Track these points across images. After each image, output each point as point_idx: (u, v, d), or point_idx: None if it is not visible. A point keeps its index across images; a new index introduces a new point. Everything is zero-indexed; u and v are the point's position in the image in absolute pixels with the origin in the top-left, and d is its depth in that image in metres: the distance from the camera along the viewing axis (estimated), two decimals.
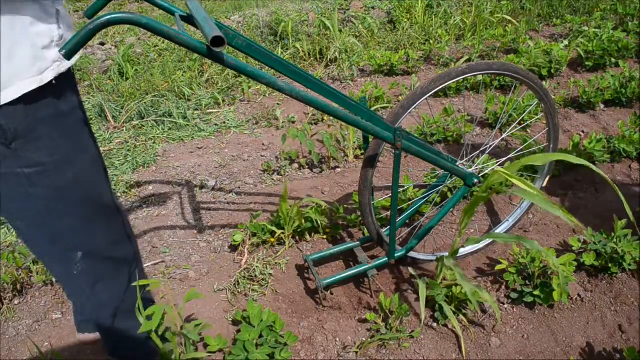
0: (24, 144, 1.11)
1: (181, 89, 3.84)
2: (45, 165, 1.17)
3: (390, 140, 1.66)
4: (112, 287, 1.46)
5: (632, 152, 2.89)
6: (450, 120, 3.22)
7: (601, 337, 1.91)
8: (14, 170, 1.14)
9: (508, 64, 1.86)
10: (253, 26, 4.91)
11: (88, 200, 1.31)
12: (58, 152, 1.19)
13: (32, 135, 1.12)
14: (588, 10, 5.35)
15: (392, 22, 5.11)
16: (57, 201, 1.23)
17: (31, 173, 1.16)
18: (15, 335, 1.95)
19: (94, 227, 1.36)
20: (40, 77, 1.08)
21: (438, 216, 2.07)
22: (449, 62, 4.30)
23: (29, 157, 1.14)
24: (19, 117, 1.08)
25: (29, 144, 1.13)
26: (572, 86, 3.73)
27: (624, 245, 2.08)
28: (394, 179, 1.76)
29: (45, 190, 1.20)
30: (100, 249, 1.39)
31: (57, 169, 1.20)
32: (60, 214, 1.26)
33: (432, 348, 1.86)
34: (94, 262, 1.38)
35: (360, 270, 2.00)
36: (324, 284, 1.94)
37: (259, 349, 1.66)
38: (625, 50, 4.18)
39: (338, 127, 3.15)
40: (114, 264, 1.45)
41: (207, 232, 2.47)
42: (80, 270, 1.36)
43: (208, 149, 3.23)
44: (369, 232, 1.98)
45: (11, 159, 1.12)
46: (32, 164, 1.15)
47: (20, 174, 1.15)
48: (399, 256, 2.04)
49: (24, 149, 1.12)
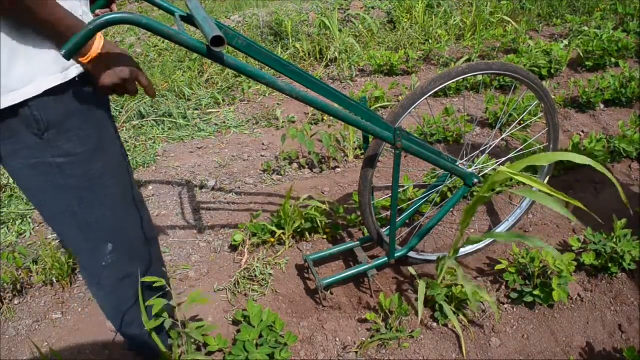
0: (56, 134, 1.16)
1: (181, 89, 3.84)
2: (77, 155, 1.21)
3: (390, 140, 1.66)
4: (137, 283, 1.48)
5: (632, 152, 2.89)
6: (450, 120, 3.22)
7: (601, 337, 1.91)
8: (47, 160, 1.18)
9: (508, 64, 1.86)
10: (253, 26, 4.91)
11: (118, 191, 1.35)
12: (88, 143, 1.23)
13: (64, 127, 1.17)
14: (588, 10, 5.35)
15: (392, 22, 5.11)
16: (88, 191, 1.27)
17: (63, 163, 1.20)
18: (15, 335, 1.95)
19: (124, 220, 1.40)
20: (64, 74, 1.13)
21: (438, 216, 2.07)
22: (449, 62, 4.30)
23: (61, 147, 1.18)
24: (51, 109, 1.13)
25: (61, 135, 1.17)
26: (572, 86, 3.73)
27: (624, 245, 2.08)
28: (394, 179, 1.76)
29: (76, 180, 1.24)
30: (130, 242, 1.43)
31: (87, 159, 1.24)
32: (91, 204, 1.29)
33: (432, 348, 1.86)
34: (123, 256, 1.41)
35: (360, 270, 2.00)
36: (324, 284, 1.94)
37: (259, 349, 1.66)
38: (625, 50, 4.17)
39: (338, 127, 3.15)
40: (142, 259, 1.48)
41: (207, 232, 2.47)
42: (110, 263, 1.39)
43: (208, 149, 3.23)
44: (369, 232, 1.98)
45: (44, 149, 1.16)
46: (64, 154, 1.19)
47: (52, 163, 1.19)
48: (399, 256, 2.04)
49: (56, 139, 1.17)
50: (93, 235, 1.35)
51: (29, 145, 1.16)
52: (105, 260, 1.39)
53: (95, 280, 1.47)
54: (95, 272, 1.44)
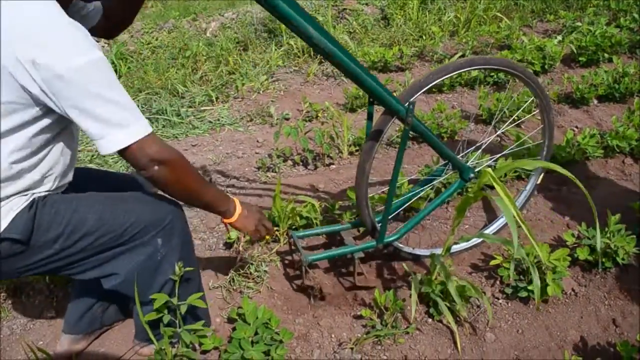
0: (37, 237, 1.33)
1: (175, 86, 3.82)
2: (71, 231, 1.37)
3: (402, 114, 1.66)
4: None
5: (625, 148, 2.90)
6: (444, 117, 3.22)
7: (595, 332, 1.92)
8: (54, 252, 1.37)
9: (506, 59, 1.87)
10: (246, 23, 4.89)
11: (120, 207, 1.47)
12: (67, 220, 1.37)
13: (40, 227, 1.33)
14: (581, 6, 5.37)
15: (385, 19, 5.11)
16: (103, 236, 1.41)
17: (66, 244, 1.37)
18: (10, 335, 1.94)
19: (147, 212, 1.49)
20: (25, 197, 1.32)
21: (430, 207, 2.06)
22: (443, 59, 4.30)
23: (50, 238, 1.35)
24: (20, 226, 1.30)
25: (40, 233, 1.34)
26: (566, 82, 3.74)
27: (618, 240, 2.10)
28: (398, 158, 1.76)
29: (90, 239, 1.39)
30: (164, 225, 1.50)
31: (79, 225, 1.38)
32: (115, 239, 1.44)
33: (427, 343, 1.87)
34: (172, 251, 1.52)
35: (346, 250, 1.98)
36: (309, 259, 1.90)
37: (254, 347, 1.66)
38: (619, 45, 4.19)
39: (331, 125, 3.15)
40: (189, 256, 1.61)
41: (201, 229, 2.46)
42: (163, 256, 1.49)
43: (202, 147, 3.22)
44: (364, 223, 1.96)
45: (40, 249, 1.36)
46: (62, 237, 1.36)
47: (58, 249, 1.37)
48: (388, 242, 2.02)
49: (40, 237, 1.35)
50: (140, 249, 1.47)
51: (29, 257, 1.33)
52: (160, 255, 1.49)
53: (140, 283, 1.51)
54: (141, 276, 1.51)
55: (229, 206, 1.57)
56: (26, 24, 1.13)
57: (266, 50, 4.52)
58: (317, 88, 4.03)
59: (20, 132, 1.22)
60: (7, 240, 1.27)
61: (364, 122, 2.79)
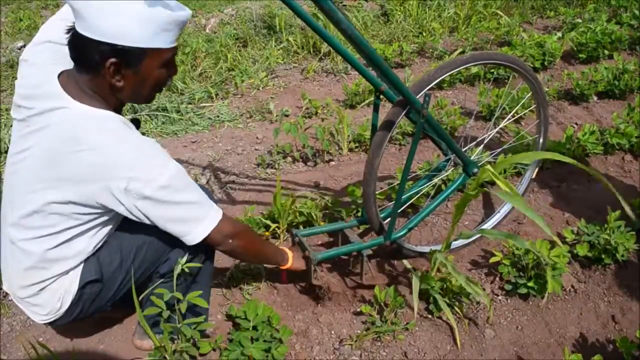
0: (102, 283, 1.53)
1: (174, 83, 3.81)
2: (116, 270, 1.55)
3: (418, 105, 1.65)
4: None
5: (625, 144, 2.90)
6: (444, 113, 3.22)
7: (594, 328, 1.93)
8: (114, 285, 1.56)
9: (509, 55, 1.89)
10: (246, 19, 4.88)
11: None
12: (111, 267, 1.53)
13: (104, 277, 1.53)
14: (581, 3, 5.36)
15: (385, 15, 5.10)
16: (139, 251, 1.56)
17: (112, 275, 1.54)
18: (10, 331, 1.94)
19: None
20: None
21: (436, 202, 2.06)
22: (443, 55, 4.29)
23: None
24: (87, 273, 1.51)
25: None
26: (566, 78, 3.73)
27: (617, 236, 2.10)
28: (411, 152, 1.76)
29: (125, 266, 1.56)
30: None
31: (117, 269, 1.55)
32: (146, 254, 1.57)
33: (426, 340, 1.87)
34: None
35: (355, 248, 1.96)
36: (318, 258, 1.87)
37: (254, 344, 1.66)
38: (619, 42, 4.18)
39: (331, 121, 3.14)
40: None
41: None
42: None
43: (202, 143, 3.22)
44: (371, 220, 1.94)
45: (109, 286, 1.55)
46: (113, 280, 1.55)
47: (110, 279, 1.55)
48: (396, 237, 2.01)
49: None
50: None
51: (110, 288, 1.54)
52: None
53: None
54: None
55: (285, 255, 1.82)
56: (113, 156, 1.27)
57: (265, 46, 4.51)
58: (316, 84, 4.03)
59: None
60: (88, 284, 1.48)
61: (364, 118, 2.79)
